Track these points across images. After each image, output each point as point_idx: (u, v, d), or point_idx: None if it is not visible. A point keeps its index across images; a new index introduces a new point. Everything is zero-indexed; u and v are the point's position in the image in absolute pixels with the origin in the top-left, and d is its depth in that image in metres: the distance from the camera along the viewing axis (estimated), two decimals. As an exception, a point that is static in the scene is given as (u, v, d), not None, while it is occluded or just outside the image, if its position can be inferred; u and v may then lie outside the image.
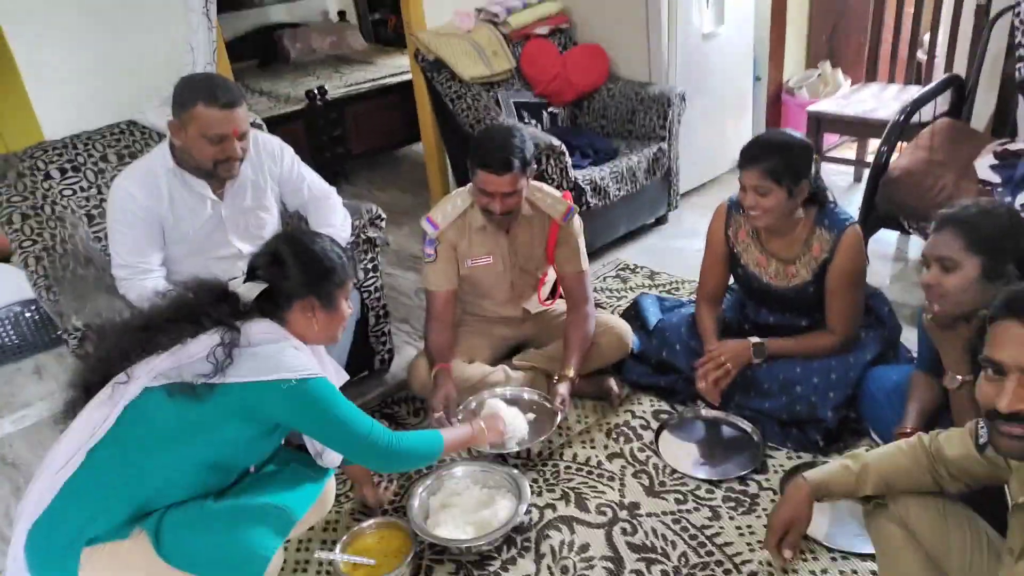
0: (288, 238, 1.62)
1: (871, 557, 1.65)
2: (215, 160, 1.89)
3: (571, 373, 2.12)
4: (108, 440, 1.43)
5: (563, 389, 2.09)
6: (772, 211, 1.98)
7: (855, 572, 1.66)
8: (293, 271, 1.53)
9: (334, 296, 1.58)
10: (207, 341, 1.44)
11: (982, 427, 1.28)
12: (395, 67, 5.00)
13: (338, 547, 1.79)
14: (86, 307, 1.88)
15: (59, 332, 2.06)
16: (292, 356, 1.47)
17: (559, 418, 2.05)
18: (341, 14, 6.23)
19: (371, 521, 1.87)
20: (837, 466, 1.44)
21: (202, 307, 1.50)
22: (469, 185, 2.16)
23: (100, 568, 1.41)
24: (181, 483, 1.46)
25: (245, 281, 1.54)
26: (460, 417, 2.07)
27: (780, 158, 1.93)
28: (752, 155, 1.97)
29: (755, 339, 2.11)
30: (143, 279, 1.94)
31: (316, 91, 4.30)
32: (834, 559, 1.70)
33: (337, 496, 1.88)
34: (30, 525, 1.41)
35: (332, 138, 4.38)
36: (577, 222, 2.26)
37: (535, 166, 2.22)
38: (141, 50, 2.57)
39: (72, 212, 2.22)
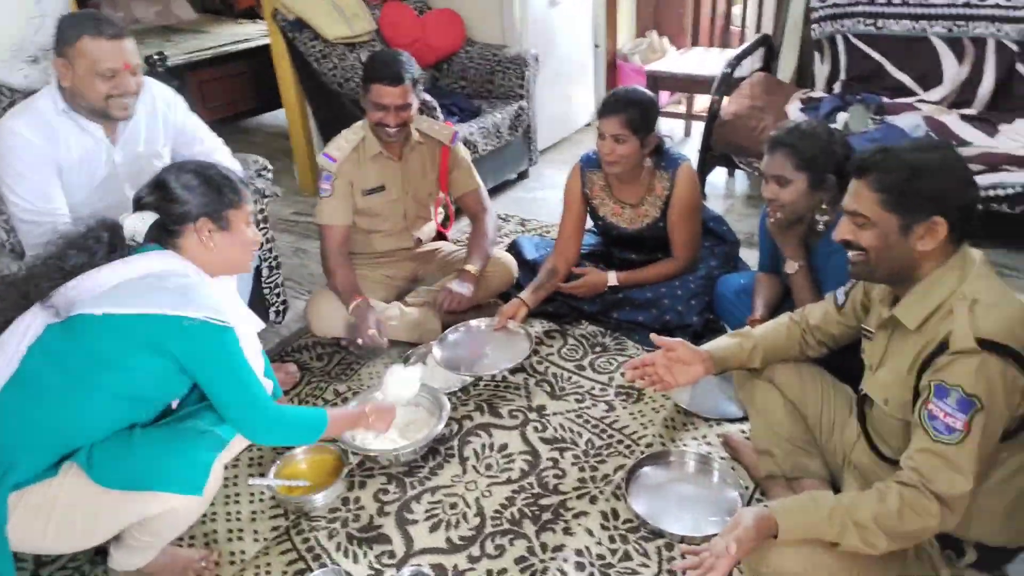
0: (172, 166, 1.58)
1: (739, 420, 2.01)
2: (108, 96, 1.81)
3: (473, 269, 2.34)
4: (14, 382, 1.40)
5: (457, 285, 2.30)
6: (626, 158, 2.23)
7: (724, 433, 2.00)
8: (179, 193, 1.50)
9: (228, 217, 1.54)
10: (106, 271, 1.43)
11: (838, 293, 1.63)
12: (232, 35, 4.85)
13: (271, 473, 1.86)
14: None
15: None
16: (203, 295, 1.45)
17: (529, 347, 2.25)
18: (164, -18, 5.88)
19: (300, 448, 1.94)
20: (733, 344, 1.70)
21: (98, 242, 1.48)
22: (361, 121, 2.29)
23: (32, 509, 1.38)
24: (101, 418, 1.43)
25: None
26: (386, 344, 2.24)
27: (637, 110, 2.18)
28: (613, 106, 2.20)
29: (612, 279, 2.39)
30: (55, 224, 1.79)
31: (155, 57, 4.08)
32: (710, 425, 2.03)
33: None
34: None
35: (177, 107, 4.18)
36: (463, 147, 2.47)
37: (422, 85, 2.34)
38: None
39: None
